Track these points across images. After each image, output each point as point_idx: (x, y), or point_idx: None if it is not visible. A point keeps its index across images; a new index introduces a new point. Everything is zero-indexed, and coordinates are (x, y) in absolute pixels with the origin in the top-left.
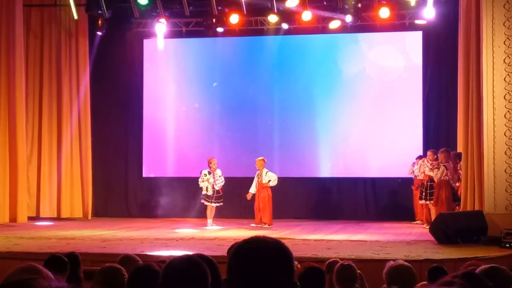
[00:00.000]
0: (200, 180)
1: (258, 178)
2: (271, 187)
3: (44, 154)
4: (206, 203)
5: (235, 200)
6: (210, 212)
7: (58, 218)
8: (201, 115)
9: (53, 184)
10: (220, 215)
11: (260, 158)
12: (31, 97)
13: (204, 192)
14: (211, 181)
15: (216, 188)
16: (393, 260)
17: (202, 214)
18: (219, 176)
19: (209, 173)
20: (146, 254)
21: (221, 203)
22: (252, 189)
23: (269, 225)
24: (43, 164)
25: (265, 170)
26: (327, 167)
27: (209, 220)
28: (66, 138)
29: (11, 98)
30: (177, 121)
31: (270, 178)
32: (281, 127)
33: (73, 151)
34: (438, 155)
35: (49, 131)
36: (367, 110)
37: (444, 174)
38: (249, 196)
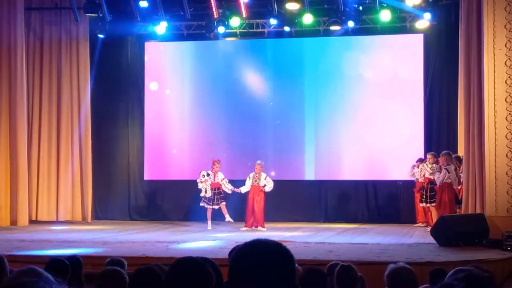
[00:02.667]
0: (198, 180)
1: (255, 180)
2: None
3: (43, 156)
4: (206, 206)
5: (233, 203)
6: (211, 214)
7: (56, 221)
8: (203, 118)
9: (52, 187)
10: (218, 217)
11: (260, 162)
12: (31, 99)
13: (202, 194)
14: (209, 183)
15: (228, 190)
16: (394, 263)
17: (203, 216)
18: (222, 179)
19: (208, 174)
20: (148, 257)
21: (223, 202)
22: (244, 189)
23: (262, 228)
24: (42, 167)
25: (263, 174)
26: (328, 170)
27: (209, 222)
28: (66, 140)
29: (12, 101)
30: (178, 124)
31: (267, 183)
32: (281, 129)
33: (73, 153)
34: (440, 158)
35: (49, 134)
36: (368, 113)
37: (446, 177)
38: (237, 190)
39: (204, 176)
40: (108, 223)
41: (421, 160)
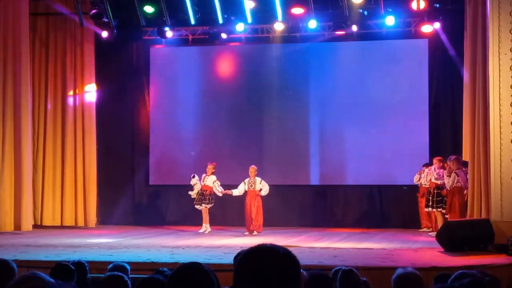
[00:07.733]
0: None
1: (251, 185)
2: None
3: (48, 161)
4: (196, 206)
5: (233, 208)
6: (204, 215)
7: (61, 226)
8: (207, 122)
9: (56, 191)
10: (216, 222)
11: (253, 166)
12: (37, 104)
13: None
14: (198, 186)
15: (219, 193)
16: (402, 267)
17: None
18: (213, 182)
19: (193, 176)
20: (152, 262)
21: (206, 206)
22: (235, 192)
23: (258, 232)
24: (47, 173)
25: (258, 178)
26: (333, 174)
27: (204, 225)
28: (70, 145)
29: (17, 106)
30: (183, 129)
31: (263, 187)
32: (286, 134)
33: (77, 158)
34: (450, 162)
35: (54, 138)
36: (372, 117)
37: (456, 181)
38: (229, 192)
39: (193, 177)
40: (114, 228)
41: (427, 165)
